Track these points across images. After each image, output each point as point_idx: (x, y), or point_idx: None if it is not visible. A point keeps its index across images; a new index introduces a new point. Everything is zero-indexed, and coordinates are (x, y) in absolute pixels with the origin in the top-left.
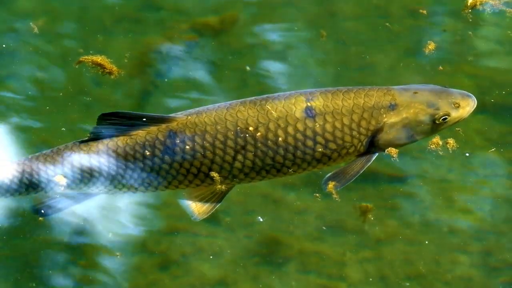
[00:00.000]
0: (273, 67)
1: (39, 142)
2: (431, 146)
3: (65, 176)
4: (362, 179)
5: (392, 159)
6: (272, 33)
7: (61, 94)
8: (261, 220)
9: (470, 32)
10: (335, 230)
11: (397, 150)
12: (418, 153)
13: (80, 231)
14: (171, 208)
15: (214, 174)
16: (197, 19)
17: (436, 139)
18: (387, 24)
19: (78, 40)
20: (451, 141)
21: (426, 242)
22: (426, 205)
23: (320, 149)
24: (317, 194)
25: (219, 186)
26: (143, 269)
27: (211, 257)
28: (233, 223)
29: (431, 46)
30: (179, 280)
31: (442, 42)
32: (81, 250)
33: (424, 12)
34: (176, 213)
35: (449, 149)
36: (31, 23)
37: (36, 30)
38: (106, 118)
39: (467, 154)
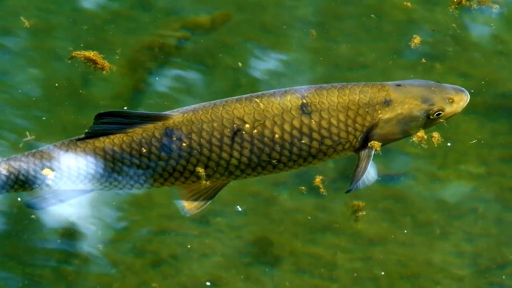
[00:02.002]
0: (264, 66)
1: (32, 140)
2: (414, 139)
3: (53, 170)
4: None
5: (375, 152)
6: (263, 33)
7: (52, 92)
8: (239, 209)
9: (454, 25)
10: (326, 230)
11: (380, 144)
12: (410, 152)
13: (72, 231)
14: (162, 208)
15: (199, 169)
16: (189, 17)
17: (421, 132)
18: (372, 15)
19: (69, 38)
20: (436, 134)
21: (418, 243)
22: (417, 205)
23: (316, 146)
24: (303, 187)
25: (204, 182)
26: (134, 268)
27: (202, 257)
28: (223, 223)
29: (416, 40)
30: (170, 280)
31: (433, 41)
32: (72, 250)
33: (408, 4)
34: (167, 213)
35: (434, 143)
36: (21, 17)
37: (27, 24)
38: (103, 118)
39: (449, 144)
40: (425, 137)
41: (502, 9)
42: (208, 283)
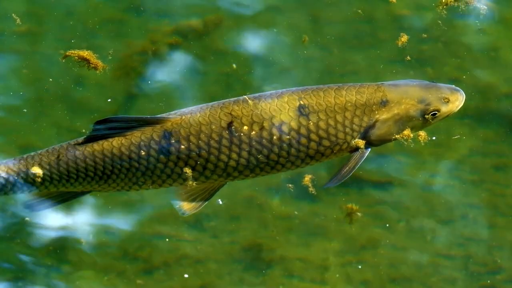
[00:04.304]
0: (256, 70)
1: (24, 143)
2: (397, 136)
3: (42, 168)
4: (346, 183)
5: (359, 150)
6: (255, 37)
7: (44, 95)
8: (220, 203)
9: (440, 22)
10: (319, 234)
11: (364, 142)
12: (402, 157)
13: (64, 235)
14: (155, 212)
15: (186, 170)
16: (181, 22)
17: (407, 131)
18: (359, 11)
19: (60, 42)
20: (422, 133)
21: (409, 247)
22: (409, 210)
23: (314, 147)
24: (290, 185)
25: (191, 182)
26: (126, 274)
27: (194, 262)
28: (217, 228)
29: (403, 38)
30: (162, 285)
31: (425, 46)
32: (64, 254)
33: (394, 0)
34: (160, 217)
35: (421, 141)
36: (13, 14)
37: (18, 21)
38: (100, 124)
39: (434, 138)
40: (411, 135)
41: (492, 13)
42: (186, 275)
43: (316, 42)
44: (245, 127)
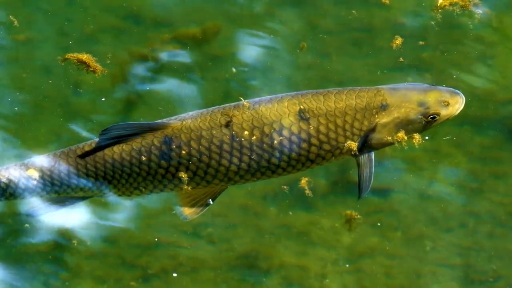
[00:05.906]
0: (254, 78)
1: (22, 148)
2: (389, 138)
3: (42, 172)
4: (343, 191)
5: (352, 152)
6: (254, 44)
7: (42, 103)
8: (211, 203)
9: (437, 27)
10: (316, 242)
11: (356, 144)
12: (400, 165)
13: (62, 242)
14: (152, 220)
15: (182, 174)
16: (180, 29)
17: (401, 133)
18: (353, 11)
19: (59, 48)
20: (416, 136)
21: (408, 256)
22: (407, 218)
23: (315, 151)
24: (285, 187)
25: (186, 187)
26: (124, 281)
27: (191, 270)
28: (214, 236)
29: (398, 41)
30: None
31: (423, 53)
32: (62, 260)
33: (387, 1)
34: (157, 225)
35: (415, 144)
36: (10, 16)
37: (16, 23)
38: (106, 133)
39: (427, 138)
40: (405, 138)
41: (489, 18)
42: (175, 274)
43: (314, 48)
44: (246, 132)
